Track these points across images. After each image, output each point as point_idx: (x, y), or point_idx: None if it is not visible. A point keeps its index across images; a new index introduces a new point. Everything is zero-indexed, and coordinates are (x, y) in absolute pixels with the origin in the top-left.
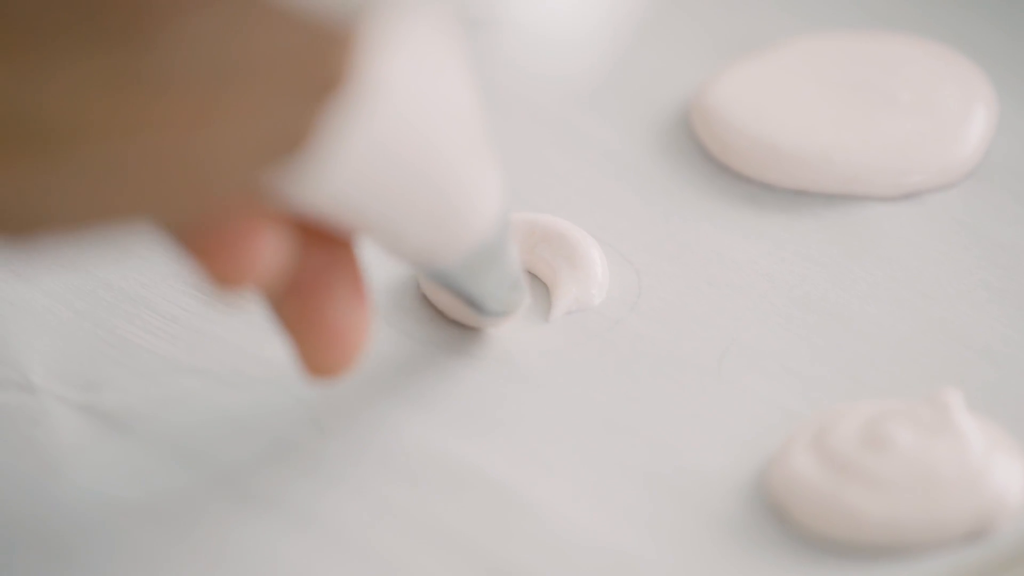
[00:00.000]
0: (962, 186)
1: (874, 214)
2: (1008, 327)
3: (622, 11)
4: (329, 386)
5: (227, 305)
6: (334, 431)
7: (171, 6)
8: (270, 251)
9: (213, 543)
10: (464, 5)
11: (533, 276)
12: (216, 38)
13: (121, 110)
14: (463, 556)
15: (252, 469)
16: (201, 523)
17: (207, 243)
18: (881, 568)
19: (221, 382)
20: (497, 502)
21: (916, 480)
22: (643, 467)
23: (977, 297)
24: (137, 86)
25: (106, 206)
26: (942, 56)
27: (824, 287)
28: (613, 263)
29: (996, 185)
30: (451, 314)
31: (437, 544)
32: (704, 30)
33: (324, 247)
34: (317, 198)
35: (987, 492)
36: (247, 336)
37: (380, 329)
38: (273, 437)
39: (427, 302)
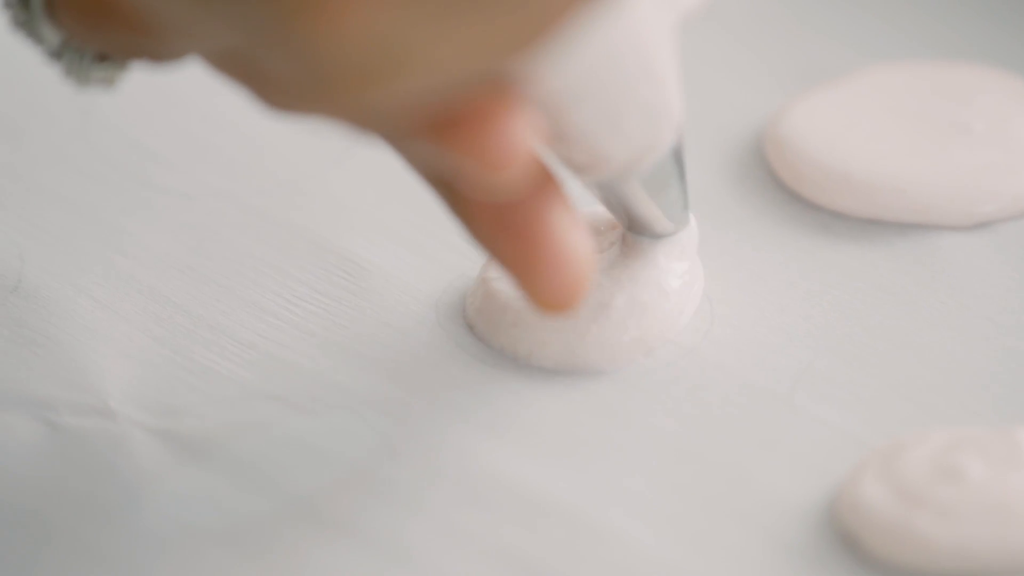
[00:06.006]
0: None
1: (946, 243)
2: None
3: (697, 40)
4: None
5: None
6: (408, 457)
7: None
8: (528, 134)
9: (288, 568)
10: None
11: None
12: None
13: None
14: None
15: (327, 494)
16: (277, 548)
17: (471, 129)
18: None
19: (296, 408)
20: (569, 529)
21: (989, 510)
22: (714, 495)
23: None
24: None
25: (467, 46)
26: (1015, 86)
27: (896, 316)
28: None
29: None
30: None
31: (511, 571)
32: (778, 59)
33: (532, 174)
34: (564, 78)
35: None
36: (322, 362)
37: (452, 354)
38: (348, 463)
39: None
